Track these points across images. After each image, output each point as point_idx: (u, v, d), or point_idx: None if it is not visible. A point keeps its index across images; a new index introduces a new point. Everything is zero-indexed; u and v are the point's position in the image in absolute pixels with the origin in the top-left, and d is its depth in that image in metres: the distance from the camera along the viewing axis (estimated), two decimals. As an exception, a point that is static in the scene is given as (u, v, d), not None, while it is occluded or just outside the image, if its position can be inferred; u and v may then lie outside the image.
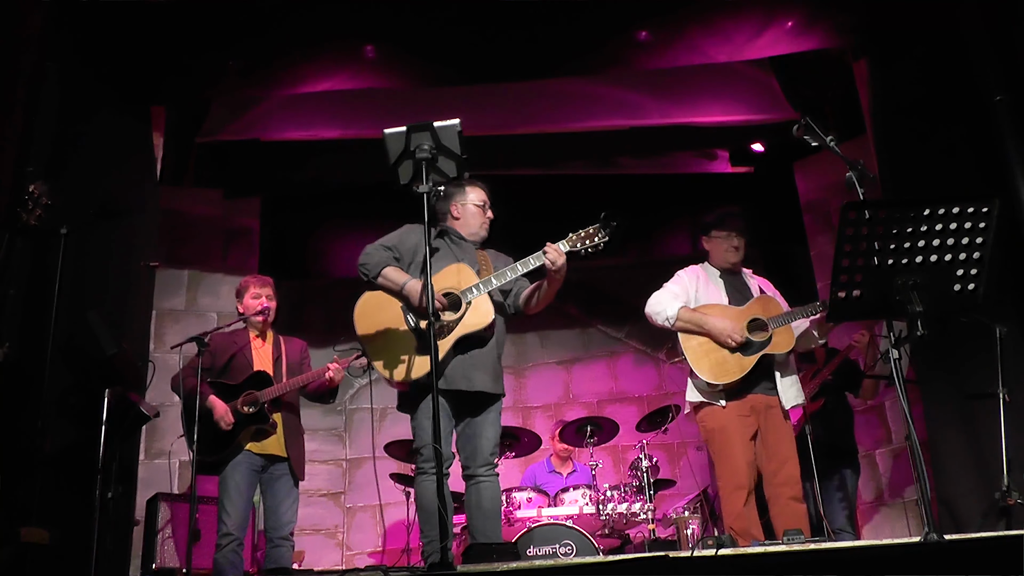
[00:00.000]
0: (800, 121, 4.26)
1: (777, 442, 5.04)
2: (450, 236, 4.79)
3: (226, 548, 5.21)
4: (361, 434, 9.00)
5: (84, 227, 5.09)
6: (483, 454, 4.54)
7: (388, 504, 8.50)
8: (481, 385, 4.52)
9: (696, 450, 8.76)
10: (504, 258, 4.83)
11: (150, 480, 7.24)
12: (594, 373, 9.37)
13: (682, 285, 5.34)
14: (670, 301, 5.23)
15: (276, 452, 5.47)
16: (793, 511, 4.93)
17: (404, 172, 4.14)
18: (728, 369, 5.05)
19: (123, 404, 5.28)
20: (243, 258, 8.55)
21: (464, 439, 4.58)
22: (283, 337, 5.83)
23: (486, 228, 4.87)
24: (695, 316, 5.16)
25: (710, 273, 5.40)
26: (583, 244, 4.50)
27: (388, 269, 4.50)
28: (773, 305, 5.19)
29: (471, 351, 4.51)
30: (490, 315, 4.52)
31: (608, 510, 6.49)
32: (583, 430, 7.11)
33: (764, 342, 5.05)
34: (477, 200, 4.87)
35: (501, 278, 4.52)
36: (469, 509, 4.53)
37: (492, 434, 4.59)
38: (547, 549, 5.97)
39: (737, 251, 5.37)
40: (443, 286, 4.51)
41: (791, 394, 5.15)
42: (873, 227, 3.61)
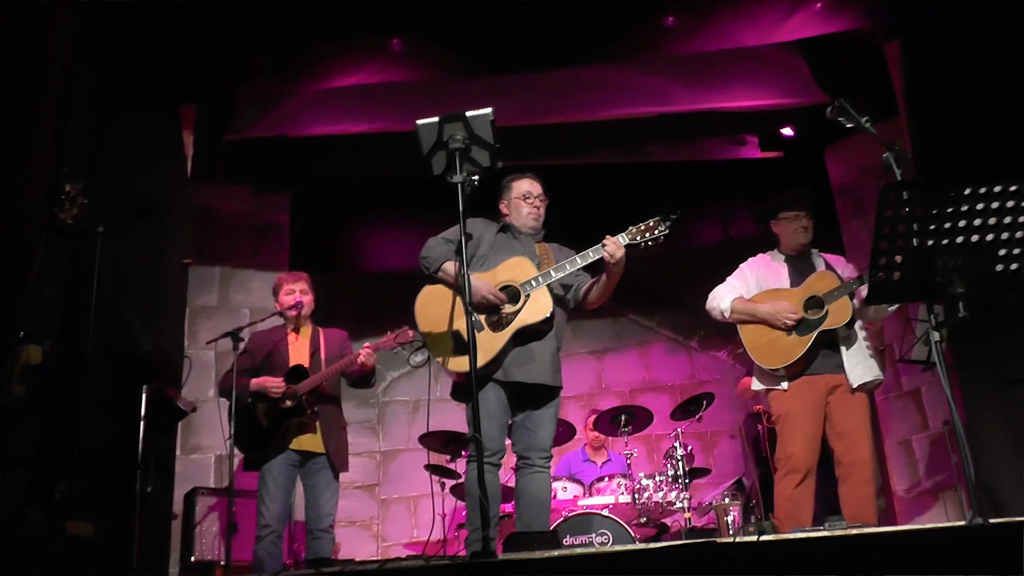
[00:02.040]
0: (834, 103, 4.19)
1: (845, 422, 4.95)
2: (512, 231, 4.84)
3: (265, 540, 5.25)
4: (395, 426, 9.03)
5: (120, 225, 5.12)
6: (540, 444, 4.56)
7: (423, 496, 8.57)
8: (540, 378, 4.53)
9: (730, 438, 8.74)
10: (567, 251, 4.83)
11: (187, 475, 7.30)
12: (626, 362, 9.35)
13: (741, 277, 5.32)
14: (725, 295, 5.24)
15: (313, 448, 5.50)
16: (860, 493, 4.84)
17: (437, 163, 4.13)
18: (784, 351, 5.00)
19: (161, 400, 5.32)
20: (274, 253, 8.58)
21: (521, 431, 4.60)
22: (323, 329, 5.85)
23: (534, 218, 4.87)
24: (747, 306, 5.15)
25: (774, 259, 5.33)
26: (643, 237, 4.49)
27: (447, 263, 4.53)
28: (830, 279, 5.08)
29: (529, 343, 4.53)
30: (548, 308, 4.52)
31: (644, 499, 6.49)
32: (617, 419, 7.09)
33: (820, 319, 4.98)
34: (518, 193, 4.90)
35: (560, 271, 4.53)
36: (519, 497, 4.54)
37: (550, 427, 4.61)
38: (583, 538, 5.98)
39: (807, 231, 5.27)
40: (502, 279, 4.55)
41: (859, 371, 4.99)
42: (912, 208, 3.56)
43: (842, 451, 4.94)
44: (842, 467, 4.92)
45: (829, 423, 5.00)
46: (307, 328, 5.82)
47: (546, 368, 4.57)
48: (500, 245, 4.75)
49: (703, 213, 9.14)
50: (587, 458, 7.70)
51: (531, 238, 4.85)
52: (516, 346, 4.51)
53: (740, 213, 9.20)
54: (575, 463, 7.65)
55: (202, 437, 7.67)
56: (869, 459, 4.94)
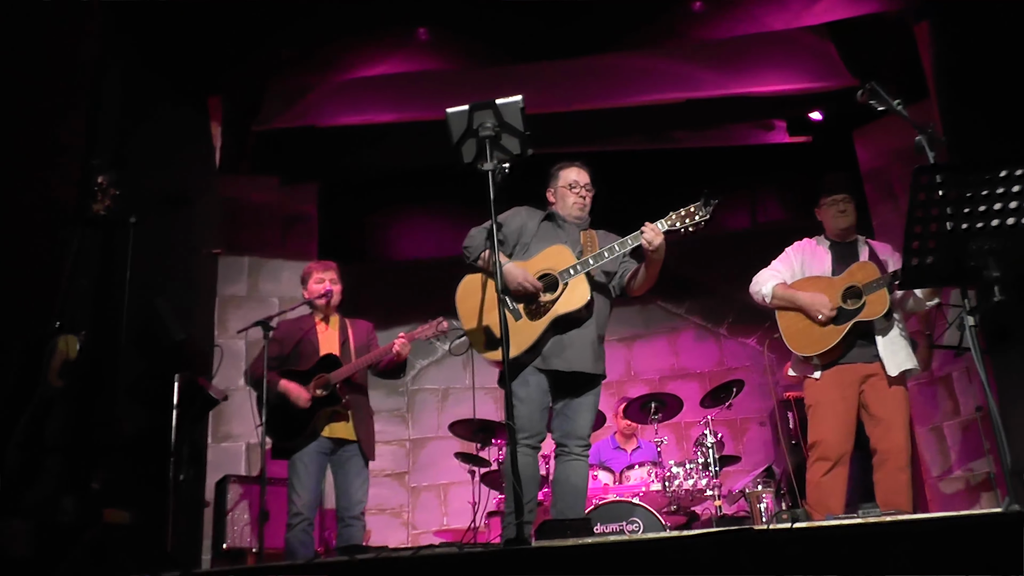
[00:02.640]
0: (865, 85, 4.14)
1: (881, 410, 4.92)
2: (556, 219, 4.83)
3: (296, 528, 5.26)
4: (424, 414, 9.06)
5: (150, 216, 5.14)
6: (579, 432, 4.56)
7: (452, 483, 8.59)
8: (579, 365, 4.52)
9: (759, 426, 8.70)
10: (613, 237, 4.81)
11: (218, 463, 7.34)
12: (655, 349, 9.34)
13: (786, 262, 5.30)
14: (768, 280, 5.22)
15: (345, 436, 5.50)
16: (895, 481, 4.80)
17: (467, 151, 4.14)
18: (819, 339, 4.98)
19: (192, 388, 5.35)
20: (302, 244, 8.61)
21: (561, 418, 4.60)
22: (349, 320, 5.85)
23: (580, 207, 4.86)
24: (787, 293, 5.13)
25: (821, 245, 5.30)
26: (683, 223, 4.47)
27: (487, 252, 4.52)
28: (869, 270, 5.03)
29: (569, 331, 4.52)
30: (585, 297, 4.52)
31: (674, 487, 6.48)
32: (647, 407, 7.08)
33: (857, 309, 4.95)
34: (564, 182, 4.90)
35: (598, 259, 4.53)
36: (555, 484, 4.55)
37: (589, 416, 4.61)
38: (614, 526, 5.96)
39: (846, 215, 5.22)
40: (540, 268, 4.55)
41: (897, 360, 4.95)
42: (946, 191, 3.52)
43: (877, 438, 4.91)
44: (877, 454, 4.90)
45: (865, 411, 4.98)
46: (335, 318, 5.83)
47: (586, 356, 4.55)
48: (544, 233, 4.75)
49: (731, 199, 9.09)
50: (617, 446, 7.68)
51: (576, 226, 4.84)
52: (555, 334, 4.51)
53: (768, 199, 9.14)
54: (605, 451, 7.63)
55: (233, 426, 7.72)
56: (905, 447, 4.90)
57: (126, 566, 3.94)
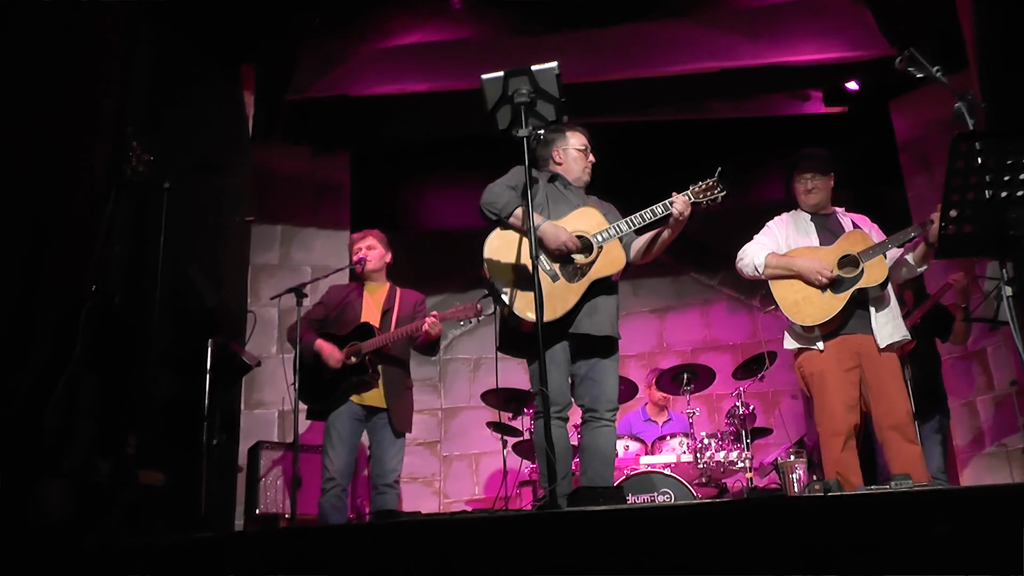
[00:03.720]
0: (904, 52, 4.07)
1: (880, 383, 4.87)
2: (560, 182, 4.80)
3: (330, 493, 5.30)
4: (456, 384, 9.08)
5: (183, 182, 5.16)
6: (608, 396, 4.53)
7: (484, 453, 8.61)
8: (608, 329, 4.52)
9: (791, 398, 8.65)
10: (607, 205, 4.83)
11: (250, 430, 7.40)
12: (687, 321, 9.30)
13: (770, 235, 5.25)
14: (757, 251, 5.16)
15: (376, 404, 5.53)
16: (907, 454, 4.75)
17: (502, 118, 4.14)
18: (820, 309, 4.93)
19: (225, 354, 5.39)
20: (334, 213, 8.62)
21: (587, 383, 4.55)
22: (401, 289, 5.86)
23: (588, 173, 4.85)
24: (782, 260, 5.08)
25: (800, 218, 5.26)
26: (704, 196, 4.53)
27: (519, 210, 4.46)
28: (862, 238, 5.01)
29: (599, 296, 4.51)
30: (622, 260, 4.54)
31: (705, 458, 6.47)
32: (679, 378, 7.06)
33: (855, 277, 4.90)
34: (578, 144, 4.85)
35: (631, 224, 4.52)
36: (584, 451, 4.52)
37: (615, 379, 4.59)
38: (645, 497, 5.98)
39: (812, 192, 5.21)
40: (574, 228, 4.52)
41: (886, 331, 4.92)
42: (985, 159, 3.45)
43: (882, 414, 4.85)
44: (884, 431, 4.84)
45: (866, 386, 4.92)
46: (382, 286, 5.84)
47: (613, 319, 4.57)
48: (554, 196, 4.71)
49: (765, 170, 8.98)
50: (648, 417, 7.67)
51: (581, 191, 4.82)
52: (587, 299, 4.49)
53: (803, 170, 9.04)
54: (636, 422, 7.62)
55: (265, 392, 7.76)
56: (910, 419, 4.87)
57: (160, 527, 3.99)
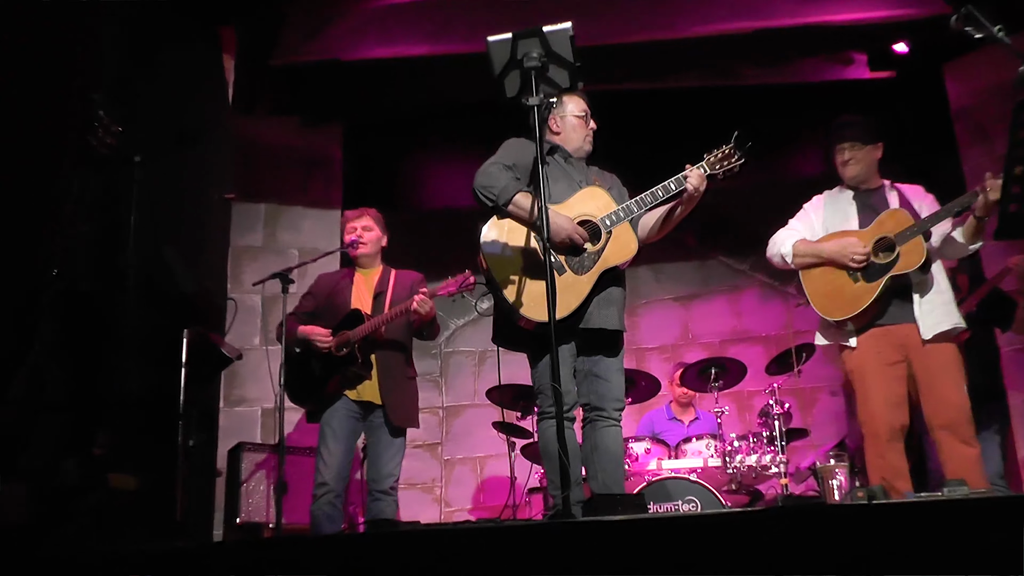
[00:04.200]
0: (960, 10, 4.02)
1: (929, 377, 4.84)
2: (560, 154, 4.74)
3: (322, 500, 5.29)
4: (459, 379, 9.09)
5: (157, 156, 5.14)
6: (615, 393, 4.51)
7: (490, 456, 8.60)
8: (618, 323, 4.50)
9: (831, 395, 8.63)
10: (610, 177, 4.80)
11: (230, 429, 7.40)
12: (715, 310, 9.28)
13: (804, 219, 5.27)
14: (786, 238, 5.18)
15: (370, 398, 5.52)
16: (962, 456, 4.72)
17: (511, 84, 4.10)
18: (851, 300, 4.93)
19: (203, 345, 5.38)
20: (325, 190, 8.61)
21: (592, 380, 4.53)
22: (396, 271, 5.84)
23: (590, 141, 4.81)
24: (810, 247, 5.09)
25: (840, 197, 5.24)
26: (721, 166, 4.50)
27: (520, 196, 4.39)
28: (901, 218, 4.96)
29: (609, 287, 4.49)
30: (633, 246, 4.51)
31: (735, 462, 6.46)
32: (706, 373, 7.03)
33: (890, 263, 4.88)
34: (577, 110, 4.80)
35: (642, 204, 4.49)
36: (590, 454, 4.50)
37: (622, 375, 4.58)
38: (668, 506, 5.97)
39: (850, 164, 5.18)
40: (579, 213, 4.49)
41: (932, 319, 4.86)
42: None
43: (932, 412, 4.84)
44: (935, 431, 4.82)
45: (914, 382, 4.90)
46: (375, 269, 5.83)
47: (621, 313, 4.55)
48: (552, 171, 4.62)
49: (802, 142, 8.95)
50: (672, 416, 7.66)
51: (582, 163, 4.78)
52: (597, 290, 4.46)
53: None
54: (659, 422, 7.61)
55: (247, 388, 7.75)
56: (966, 418, 4.80)
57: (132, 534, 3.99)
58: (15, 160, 4.83)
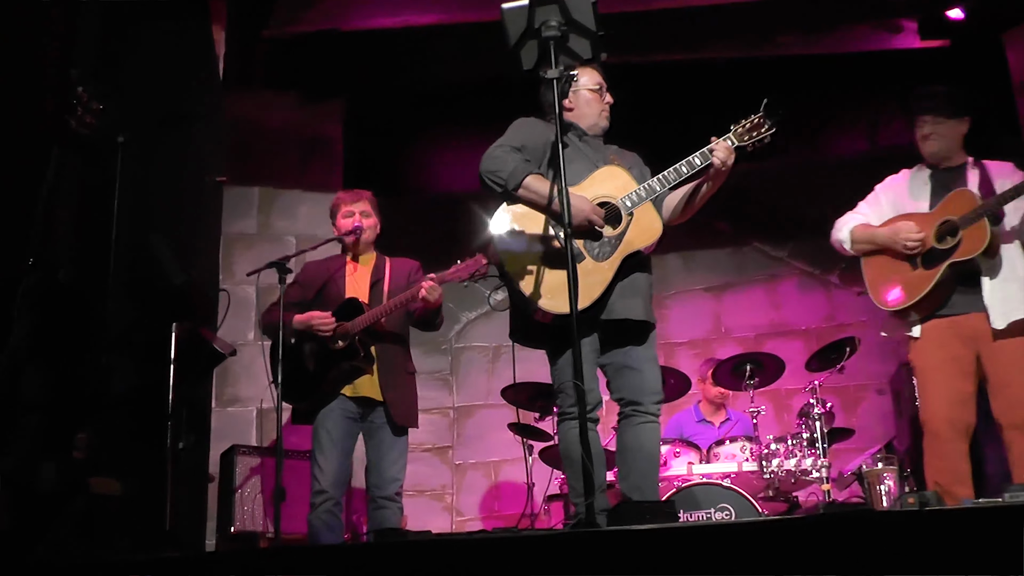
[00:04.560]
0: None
1: (1000, 371, 4.80)
2: (574, 132, 4.72)
3: (320, 508, 5.29)
4: (471, 377, 9.11)
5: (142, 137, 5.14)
6: (652, 386, 4.48)
7: (505, 461, 8.60)
8: (644, 313, 4.47)
9: (877, 393, 8.61)
10: (631, 156, 4.80)
11: (223, 431, 7.42)
12: (750, 301, 9.27)
13: (873, 202, 5.24)
14: (846, 222, 5.18)
15: (370, 394, 5.50)
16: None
17: (527, 55, 4.08)
18: (908, 288, 4.91)
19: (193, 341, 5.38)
20: (324, 172, 8.63)
21: (625, 373, 4.50)
22: (391, 259, 5.83)
23: (606, 116, 4.79)
24: (867, 232, 5.09)
25: (918, 177, 5.20)
26: (750, 137, 4.47)
27: (531, 179, 4.40)
28: (967, 199, 4.91)
29: (632, 274, 4.47)
30: (657, 228, 4.48)
31: (772, 467, 6.44)
32: (740, 370, 7.01)
33: (951, 248, 4.85)
34: (591, 84, 4.78)
35: (663, 183, 4.47)
36: (624, 452, 4.48)
37: (657, 366, 4.55)
38: (699, 515, 5.98)
39: (930, 139, 5.12)
40: (597, 194, 4.47)
41: (1003, 307, 4.80)
42: None
43: (1001, 410, 4.80)
44: (1006, 431, 4.79)
45: (983, 375, 4.87)
46: (369, 256, 5.81)
47: (647, 302, 4.53)
48: (566, 152, 4.52)
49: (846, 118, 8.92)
50: (702, 417, 7.67)
51: (599, 141, 4.77)
52: (619, 278, 4.44)
53: (892, 117, 8.93)
54: (688, 424, 7.61)
55: (241, 387, 7.79)
56: None
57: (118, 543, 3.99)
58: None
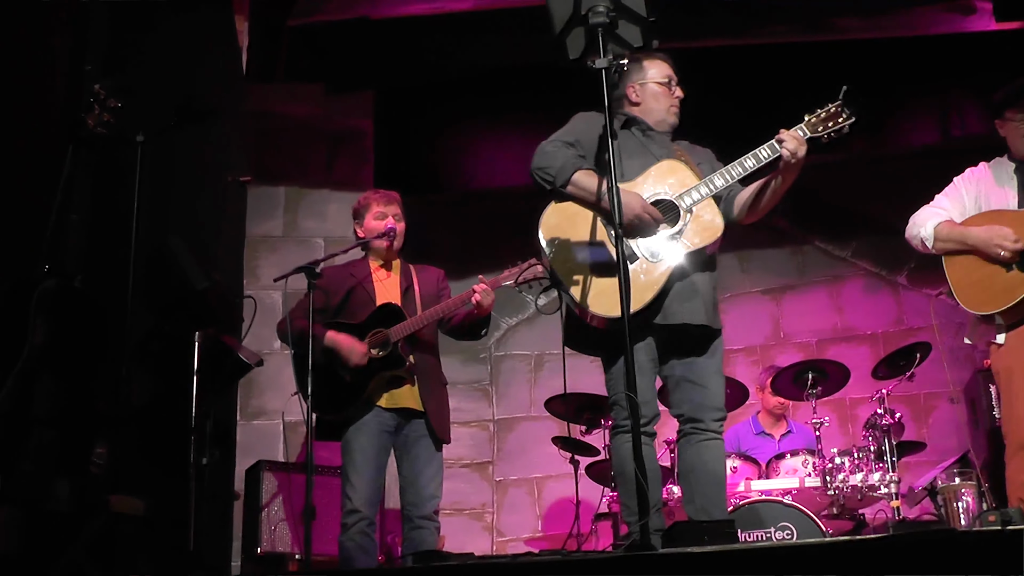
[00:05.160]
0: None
1: None
2: (638, 127, 4.73)
3: (353, 529, 5.30)
4: (512, 388, 9.11)
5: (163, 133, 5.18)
6: (714, 401, 4.48)
7: (550, 477, 8.59)
8: (706, 318, 4.46)
9: (950, 402, 8.53)
10: (702, 153, 4.78)
11: (249, 446, 7.48)
12: (812, 304, 9.25)
13: (954, 196, 5.16)
14: (928, 218, 5.09)
15: (411, 405, 5.52)
16: None
17: (574, 44, 4.08)
18: (1002, 292, 4.83)
19: (217, 350, 5.41)
20: (353, 169, 8.66)
21: (685, 387, 4.51)
22: (414, 266, 5.86)
23: (675, 112, 4.78)
24: (955, 231, 5.00)
25: (1001, 170, 5.13)
26: (825, 128, 4.45)
27: (580, 174, 4.43)
28: None
29: (693, 275, 4.45)
30: (718, 226, 4.47)
31: (837, 482, 6.41)
32: (802, 378, 6.97)
33: None
34: (659, 76, 4.78)
35: (724, 177, 4.46)
36: (689, 473, 4.49)
37: (720, 379, 4.55)
38: (759, 534, 5.97)
39: None
40: (653, 191, 4.48)
41: None
42: None
43: None
44: None
45: None
46: (396, 262, 5.83)
47: (710, 306, 4.51)
48: (628, 146, 4.61)
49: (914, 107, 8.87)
50: (761, 429, 7.66)
51: (666, 137, 4.76)
52: (678, 279, 4.43)
53: (965, 106, 8.88)
54: (746, 436, 7.60)
55: (267, 399, 7.83)
56: None
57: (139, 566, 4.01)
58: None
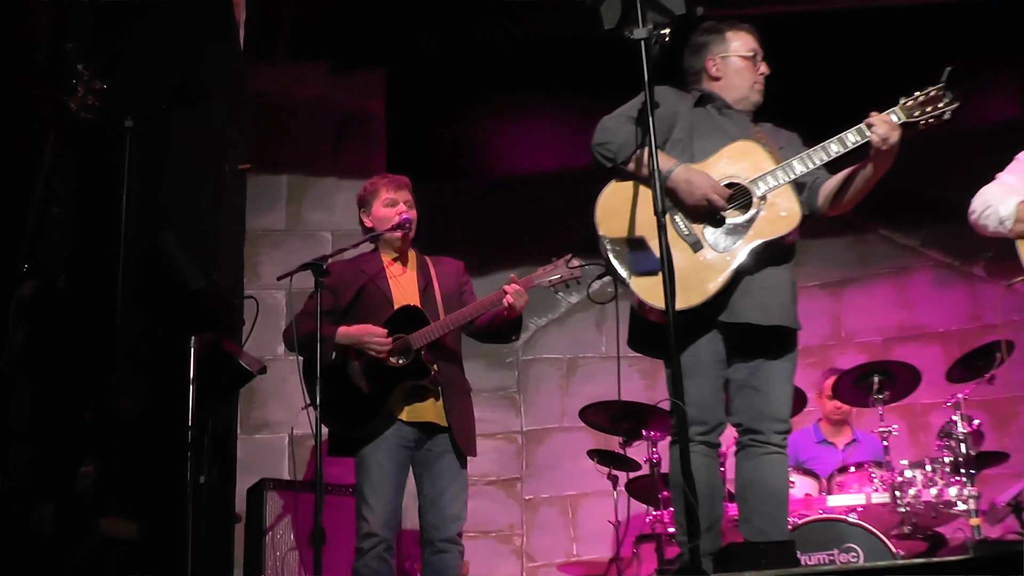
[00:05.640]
0: None
1: None
2: (714, 104, 4.74)
3: (369, 554, 5.32)
4: (542, 395, 9.13)
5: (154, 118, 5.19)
6: (776, 411, 4.49)
7: (585, 495, 8.58)
8: (779, 318, 4.49)
9: (1035, 408, 8.51)
10: (787, 135, 4.80)
11: (251, 463, 7.50)
12: (876, 299, 9.24)
13: (1019, 172, 5.17)
14: (1002, 197, 5.06)
15: (434, 419, 5.53)
16: None
17: (609, 12, 4.10)
18: None
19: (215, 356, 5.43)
20: (363, 155, 8.66)
21: (746, 393, 4.53)
22: (430, 258, 5.85)
23: (760, 90, 4.80)
24: None
25: None
26: (924, 113, 4.43)
27: (644, 152, 4.40)
28: None
29: (766, 268, 4.46)
30: (794, 215, 4.48)
31: (908, 498, 6.40)
32: (866, 382, 6.96)
33: None
34: (744, 50, 4.80)
35: (805, 162, 4.47)
36: (746, 488, 4.50)
37: (787, 388, 4.57)
38: (821, 556, 5.95)
39: None
40: (725, 173, 4.49)
41: None
42: None
43: None
44: None
45: None
46: (411, 255, 5.83)
47: (786, 304, 4.54)
48: (702, 125, 4.64)
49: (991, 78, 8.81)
50: (822, 439, 7.66)
51: (746, 117, 4.76)
52: (748, 273, 4.43)
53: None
54: (805, 446, 7.60)
55: (271, 410, 7.85)
56: None
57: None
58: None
